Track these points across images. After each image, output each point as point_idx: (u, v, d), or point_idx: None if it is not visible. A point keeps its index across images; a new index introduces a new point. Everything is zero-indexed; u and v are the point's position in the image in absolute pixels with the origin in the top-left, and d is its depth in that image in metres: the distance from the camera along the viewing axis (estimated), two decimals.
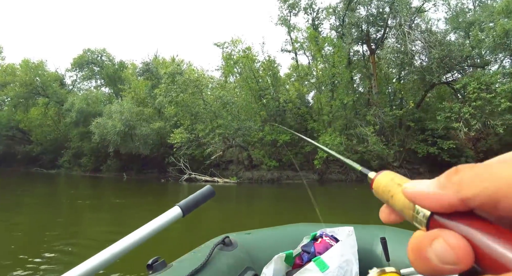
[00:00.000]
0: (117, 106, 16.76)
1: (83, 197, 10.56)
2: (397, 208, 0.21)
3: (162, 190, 12.72)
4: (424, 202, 0.18)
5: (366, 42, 16.57)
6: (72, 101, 22.01)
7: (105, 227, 5.75)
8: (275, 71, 15.87)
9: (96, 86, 27.56)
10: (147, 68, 18.29)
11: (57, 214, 7.20)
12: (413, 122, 14.87)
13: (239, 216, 7.32)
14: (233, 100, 11.86)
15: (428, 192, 0.18)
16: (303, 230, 1.33)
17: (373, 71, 16.95)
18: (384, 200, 0.22)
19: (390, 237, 1.07)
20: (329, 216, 1.82)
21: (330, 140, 12.04)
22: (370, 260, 1.13)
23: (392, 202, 0.21)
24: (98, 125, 17.91)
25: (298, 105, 15.10)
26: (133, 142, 17.19)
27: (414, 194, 0.18)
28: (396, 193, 0.21)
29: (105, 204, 8.95)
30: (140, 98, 19.16)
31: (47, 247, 4.22)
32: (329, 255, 1.05)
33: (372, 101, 15.57)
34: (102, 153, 22.40)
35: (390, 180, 0.22)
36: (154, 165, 19.86)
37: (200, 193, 0.82)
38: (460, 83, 12.67)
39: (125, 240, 0.66)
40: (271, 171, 16.11)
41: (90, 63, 26.65)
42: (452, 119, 12.70)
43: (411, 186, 0.19)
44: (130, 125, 16.44)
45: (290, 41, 18.77)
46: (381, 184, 0.23)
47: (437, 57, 12.43)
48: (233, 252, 1.09)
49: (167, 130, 17.16)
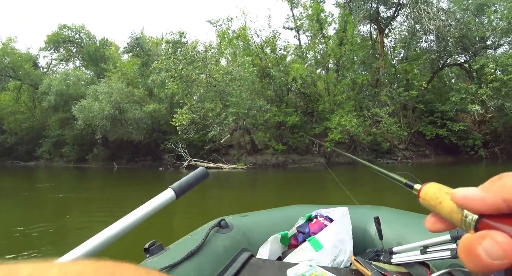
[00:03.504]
0: (104, 86, 14.97)
1: (67, 190, 9.17)
2: (445, 213, 0.22)
3: (161, 180, 11.42)
4: (472, 204, 0.20)
5: (375, 20, 15.75)
6: (49, 83, 19.69)
7: (97, 223, 4.60)
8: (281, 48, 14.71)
9: (75, 69, 25.01)
10: (137, 43, 16.37)
11: (38, 210, 6.00)
12: (422, 104, 14.50)
13: (255, 205, 6.39)
14: (245, 76, 10.54)
15: (475, 195, 0.20)
16: (298, 211, 1.34)
17: (380, 51, 16.29)
18: (432, 206, 0.24)
19: (383, 217, 1.10)
20: (358, 198, 1.63)
21: (347, 122, 11.28)
22: (364, 239, 1.16)
23: (440, 208, 0.23)
24: (82, 109, 16.03)
25: (307, 84, 14.14)
26: (124, 127, 15.60)
27: (463, 198, 0.20)
28: (444, 199, 0.23)
29: (94, 197, 7.64)
30: (129, 78, 17.36)
31: (28, 245, 3.69)
32: (323, 234, 1.06)
33: (381, 82, 14.95)
34: (87, 141, 20.48)
35: (438, 189, 0.24)
36: (147, 152, 18.39)
37: (193, 175, 0.80)
38: (478, 64, 12.30)
39: (119, 223, 0.64)
40: (276, 155, 15.27)
41: (67, 42, 23.98)
42: (467, 100, 12.38)
43: (460, 191, 0.21)
44: (120, 108, 14.78)
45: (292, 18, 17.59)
46: (428, 192, 0.25)
47: (456, 36, 11.89)
48: (229, 234, 1.09)
49: (162, 113, 15.67)
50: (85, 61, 23.44)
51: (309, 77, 13.85)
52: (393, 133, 12.51)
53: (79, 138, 20.78)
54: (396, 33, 16.29)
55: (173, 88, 11.17)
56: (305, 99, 14.78)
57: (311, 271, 0.88)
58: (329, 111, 13.51)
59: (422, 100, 14.53)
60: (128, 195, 7.64)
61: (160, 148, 16.69)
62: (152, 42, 18.41)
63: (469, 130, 14.60)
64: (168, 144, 15.41)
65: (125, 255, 3.22)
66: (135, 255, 1.12)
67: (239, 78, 10.63)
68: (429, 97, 14.68)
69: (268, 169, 14.13)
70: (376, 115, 12.51)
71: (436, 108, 14.45)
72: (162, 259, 0.85)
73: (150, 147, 18.06)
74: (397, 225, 1.13)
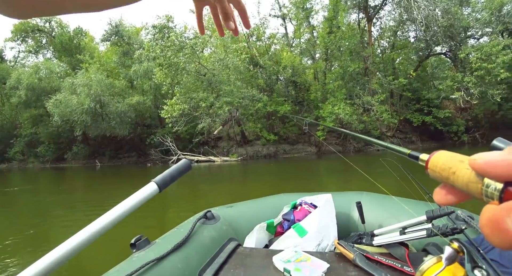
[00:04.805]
0: (82, 78, 13.90)
1: (44, 192, 8.39)
2: (461, 184, 0.19)
3: (150, 176, 10.60)
4: (496, 171, 0.17)
5: (364, 9, 15.69)
6: (17, 77, 18.09)
7: (79, 227, 4.08)
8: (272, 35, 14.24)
9: (46, 60, 23.17)
10: (115, 31, 15.22)
11: (11, 216, 5.36)
12: (410, 92, 14.76)
13: (246, 197, 6.12)
14: (237, 63, 9.99)
15: (499, 160, 0.17)
16: (284, 199, 1.35)
17: (368, 40, 16.31)
18: (444, 178, 0.21)
19: (365, 201, 1.15)
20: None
21: (340, 110, 11.18)
22: (347, 224, 1.20)
23: (454, 178, 0.20)
24: (57, 104, 14.86)
25: (298, 73, 13.87)
26: (106, 122, 14.65)
27: (485, 164, 0.17)
28: (460, 168, 0.20)
29: (77, 199, 6.98)
30: (109, 69, 16.25)
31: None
32: (307, 221, 1.08)
33: (370, 70, 15.01)
34: (65, 138, 19.20)
35: (450, 157, 0.21)
36: (132, 148, 17.52)
37: (175, 168, 0.80)
38: (464, 53, 12.60)
39: (102, 219, 0.63)
40: (267, 146, 15.04)
41: (36, 31, 22.10)
42: (453, 88, 12.70)
43: (481, 156, 0.18)
44: (101, 101, 13.82)
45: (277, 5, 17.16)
46: (439, 162, 0.22)
47: (445, 25, 12.07)
48: (215, 225, 1.10)
49: (147, 106, 14.85)
50: (57, 53, 21.73)
51: (300, 66, 13.59)
52: (384, 120, 12.62)
53: (55, 135, 19.42)
54: (384, 22, 16.36)
55: (161, 77, 10.44)
56: (296, 89, 14.55)
57: (296, 256, 0.90)
58: (321, 100, 13.39)
59: (410, 88, 14.78)
60: (115, 194, 7.04)
61: (146, 143, 15.92)
62: (132, 31, 17.30)
63: (452, 117, 15.10)
64: (154, 138, 14.67)
65: (112, 251, 2.92)
66: (122, 251, 1.11)
67: (232, 66, 10.10)
68: (417, 85, 14.96)
69: (259, 160, 13.88)
70: (367, 103, 12.54)
71: (423, 96, 14.76)
72: (148, 253, 0.84)
73: (134, 142, 17.20)
74: (378, 208, 1.18)
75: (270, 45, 15.21)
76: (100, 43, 19.71)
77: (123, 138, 16.15)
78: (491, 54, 12.20)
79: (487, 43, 12.81)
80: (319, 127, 13.12)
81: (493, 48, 12.15)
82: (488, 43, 12.60)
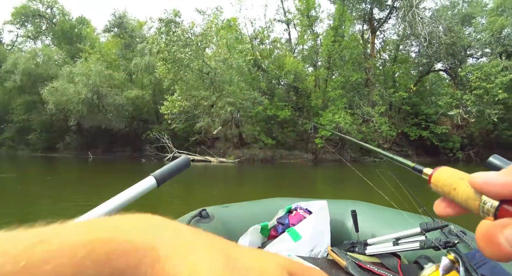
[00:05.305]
0: (81, 67, 13.61)
1: (33, 181, 8.08)
2: (460, 199, 0.21)
3: (145, 172, 10.36)
4: (493, 189, 0.18)
5: (369, 20, 15.86)
6: (14, 61, 17.65)
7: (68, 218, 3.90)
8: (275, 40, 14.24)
9: (45, 47, 22.69)
10: (119, 22, 14.98)
11: (1, 205, 5.08)
12: (409, 106, 14.91)
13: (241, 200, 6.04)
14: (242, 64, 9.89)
15: (496, 180, 0.18)
16: (279, 203, 1.36)
17: (371, 52, 16.47)
18: (445, 192, 0.23)
19: (360, 210, 1.14)
20: None
21: (340, 118, 11.18)
22: (341, 231, 1.22)
23: (454, 194, 0.22)
24: (53, 91, 14.53)
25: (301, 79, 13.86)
26: (103, 114, 14.36)
27: (483, 182, 0.19)
28: (460, 185, 0.21)
29: (69, 190, 6.75)
30: (109, 61, 15.97)
31: None
32: (302, 226, 1.09)
33: (370, 81, 15.13)
34: (58, 128, 18.77)
35: (452, 174, 0.23)
36: (126, 142, 17.20)
37: (175, 163, 0.80)
38: (464, 71, 12.80)
39: (98, 210, 0.60)
40: (264, 149, 14.95)
41: (37, 16, 21.66)
42: (452, 105, 12.87)
43: (480, 175, 0.20)
44: (99, 92, 13.55)
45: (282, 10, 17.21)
46: (441, 178, 0.24)
47: (448, 42, 12.27)
48: (209, 224, 1.11)
49: (145, 100, 14.62)
50: (57, 40, 21.33)
51: (303, 72, 13.59)
52: (382, 132, 12.68)
53: (48, 124, 18.98)
54: (387, 35, 16.56)
55: (163, 72, 10.25)
56: (297, 94, 14.55)
57: None
58: (321, 107, 13.39)
59: (409, 102, 14.93)
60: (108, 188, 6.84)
61: (142, 138, 15.66)
62: (135, 25, 17.08)
63: (449, 134, 15.29)
64: (150, 133, 14.43)
65: None
66: None
67: (237, 67, 10.00)
68: (416, 100, 15.12)
69: (255, 164, 13.77)
70: (367, 114, 12.59)
71: (422, 111, 14.92)
72: None
73: (130, 137, 16.90)
74: (372, 218, 1.19)
75: (273, 49, 15.20)
76: (101, 34, 19.42)
77: (118, 131, 15.86)
78: (490, 74, 12.44)
79: (487, 63, 13.07)
80: (317, 135, 13.12)
81: (493, 69, 12.40)
82: (488, 63, 12.85)
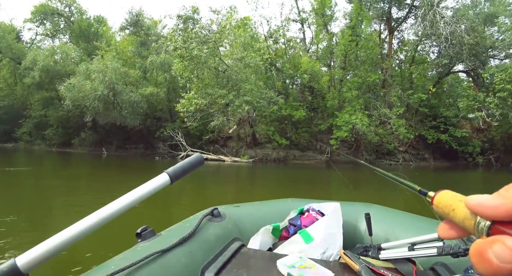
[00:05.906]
0: (98, 64, 13.80)
1: (48, 175, 8.23)
2: (458, 220, 0.23)
3: (159, 171, 10.43)
4: (486, 211, 0.20)
5: (387, 20, 15.50)
6: (33, 58, 18.08)
7: (83, 213, 3.84)
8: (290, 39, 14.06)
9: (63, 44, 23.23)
10: (136, 20, 15.13)
11: (16, 196, 5.16)
12: (426, 109, 14.48)
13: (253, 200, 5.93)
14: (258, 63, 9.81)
15: (489, 202, 0.20)
16: (291, 204, 1.36)
17: (388, 52, 16.10)
18: (445, 213, 0.25)
19: (374, 213, 1.13)
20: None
21: (357, 120, 10.93)
22: (354, 235, 1.20)
23: (453, 215, 0.24)
24: (70, 87, 14.78)
25: (316, 78, 13.66)
26: (118, 110, 14.52)
27: (477, 204, 0.21)
28: (458, 206, 0.24)
29: (82, 185, 6.76)
30: (124, 58, 16.15)
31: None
32: (314, 228, 1.08)
33: (388, 82, 14.77)
34: (74, 124, 19.14)
35: (451, 197, 0.25)
36: (139, 140, 17.37)
37: (188, 161, 0.81)
38: (487, 73, 12.34)
39: (113, 205, 0.64)
40: (277, 150, 14.79)
41: (55, 15, 22.17)
42: (473, 108, 12.41)
43: (474, 198, 0.22)
44: (114, 89, 13.71)
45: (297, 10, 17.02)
46: (441, 200, 0.26)
47: (471, 43, 11.84)
48: (221, 223, 1.11)
49: (160, 98, 14.70)
50: (74, 38, 21.78)
51: (319, 72, 13.37)
52: (399, 134, 12.34)
53: (65, 119, 19.37)
54: (405, 35, 16.15)
55: (180, 69, 10.26)
56: (312, 95, 14.33)
57: (300, 262, 0.90)
58: (337, 108, 13.14)
59: (427, 104, 14.50)
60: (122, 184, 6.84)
61: (155, 136, 15.76)
62: (152, 22, 17.24)
63: (469, 138, 14.76)
64: (164, 131, 14.50)
65: (117, 239, 2.91)
66: (127, 239, 1.11)
67: (254, 65, 9.90)
68: (434, 102, 14.67)
69: (268, 164, 13.63)
70: (384, 116, 12.28)
71: (440, 113, 14.46)
72: (153, 244, 0.85)
73: (143, 134, 17.06)
74: (386, 222, 1.16)
75: (288, 49, 15.05)
76: (117, 32, 19.69)
77: (132, 128, 16.01)
78: None
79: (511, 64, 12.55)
80: (332, 136, 12.87)
81: None
82: None
